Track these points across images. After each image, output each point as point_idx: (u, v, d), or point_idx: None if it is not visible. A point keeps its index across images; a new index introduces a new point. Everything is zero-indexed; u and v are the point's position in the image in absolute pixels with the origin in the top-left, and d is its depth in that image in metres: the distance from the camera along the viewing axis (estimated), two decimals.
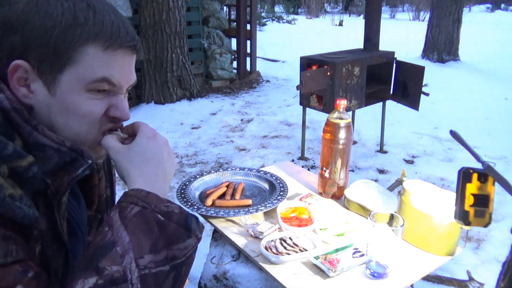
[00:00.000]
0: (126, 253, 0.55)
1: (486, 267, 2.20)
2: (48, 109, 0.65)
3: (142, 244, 0.56)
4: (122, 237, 0.56)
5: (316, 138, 4.08)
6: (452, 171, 3.24)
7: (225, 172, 1.52)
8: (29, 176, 0.58)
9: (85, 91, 0.65)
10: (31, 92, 0.64)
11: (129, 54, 0.68)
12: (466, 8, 17.12)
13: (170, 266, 0.57)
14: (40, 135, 0.62)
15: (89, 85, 0.65)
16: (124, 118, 0.71)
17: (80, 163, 0.64)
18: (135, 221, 0.58)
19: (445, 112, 4.97)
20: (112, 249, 0.55)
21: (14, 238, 0.53)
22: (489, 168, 0.91)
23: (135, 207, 0.59)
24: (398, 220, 1.02)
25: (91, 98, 0.66)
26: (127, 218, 0.58)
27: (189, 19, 5.59)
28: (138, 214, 0.58)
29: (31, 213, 0.55)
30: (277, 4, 23.43)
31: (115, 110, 0.69)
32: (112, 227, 0.58)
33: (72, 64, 0.63)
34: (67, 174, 0.63)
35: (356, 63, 3.15)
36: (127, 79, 0.70)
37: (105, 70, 0.65)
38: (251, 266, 1.11)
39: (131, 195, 0.61)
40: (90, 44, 0.63)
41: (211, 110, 5.04)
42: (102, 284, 0.53)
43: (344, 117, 1.32)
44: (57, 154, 0.62)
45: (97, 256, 0.55)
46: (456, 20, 7.75)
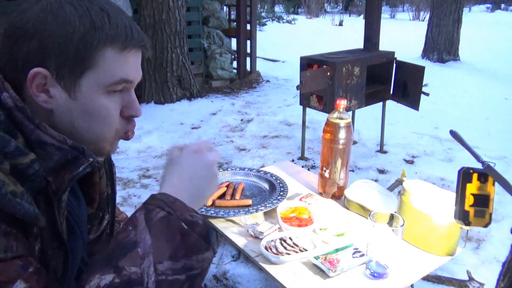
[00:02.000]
0: (146, 256, 0.55)
1: (486, 267, 2.20)
2: (69, 113, 0.66)
3: (163, 250, 0.56)
4: (145, 239, 0.57)
5: (316, 138, 4.08)
6: (452, 171, 3.24)
7: (225, 172, 1.52)
8: (30, 173, 0.58)
9: (104, 93, 0.67)
10: (51, 97, 0.65)
11: (139, 52, 0.72)
12: (466, 8, 17.12)
13: (186, 276, 0.57)
14: (43, 133, 0.62)
15: (108, 87, 0.67)
16: (138, 115, 0.74)
17: (81, 161, 0.65)
18: (160, 226, 0.58)
19: (445, 112, 4.97)
20: (133, 250, 0.56)
21: (14, 234, 0.53)
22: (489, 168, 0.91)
23: (161, 211, 0.60)
24: (398, 220, 1.02)
25: (109, 100, 0.69)
26: (152, 221, 0.59)
27: (189, 19, 5.58)
28: (163, 219, 0.59)
29: (31, 210, 0.55)
30: (277, 4, 23.42)
31: (128, 108, 0.72)
32: (136, 228, 0.58)
33: (91, 68, 0.65)
34: (68, 172, 0.64)
35: (356, 63, 3.15)
36: (139, 75, 0.73)
37: (122, 71, 0.68)
38: (251, 266, 1.11)
39: (158, 199, 0.62)
40: (108, 47, 0.65)
41: (211, 110, 5.04)
42: (118, 284, 0.53)
43: (344, 117, 1.32)
44: (59, 152, 0.63)
45: (118, 254, 0.56)
46: (456, 20, 7.75)
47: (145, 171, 3.34)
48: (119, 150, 3.73)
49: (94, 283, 0.53)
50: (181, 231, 0.58)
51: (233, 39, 6.46)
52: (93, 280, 0.54)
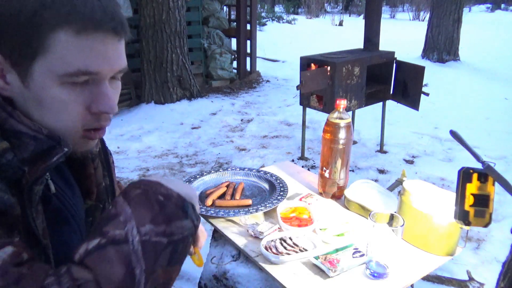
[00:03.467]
0: (128, 221, 0.57)
1: (486, 267, 2.20)
2: (24, 101, 0.62)
3: (143, 215, 0.58)
4: (125, 210, 0.59)
5: (316, 138, 4.08)
6: (452, 171, 3.24)
7: (225, 172, 1.52)
8: (3, 163, 0.56)
9: (59, 84, 0.60)
10: (7, 83, 0.61)
11: (110, 37, 0.61)
12: (466, 8, 17.12)
13: (168, 240, 0.59)
14: (16, 122, 0.59)
15: (63, 78, 0.60)
16: (109, 111, 0.64)
17: (56, 151, 0.61)
18: (137, 199, 0.60)
19: (445, 112, 4.97)
20: (115, 219, 0.58)
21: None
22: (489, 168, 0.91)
23: (138, 189, 0.61)
24: (398, 220, 1.02)
25: (67, 93, 0.61)
26: (130, 197, 0.60)
27: (189, 19, 5.59)
28: (140, 194, 0.61)
29: (5, 198, 0.54)
30: (277, 4, 23.43)
31: (97, 104, 0.63)
32: (116, 204, 0.60)
33: (43, 53, 0.58)
34: (43, 163, 0.60)
35: (356, 63, 3.15)
36: (111, 66, 0.63)
37: (80, 60, 0.59)
38: (251, 266, 1.11)
39: (136, 182, 0.63)
40: (60, 29, 0.57)
41: (211, 110, 5.04)
42: (104, 243, 0.55)
43: (344, 117, 1.32)
44: (34, 141, 0.60)
45: (101, 224, 0.58)
46: (456, 20, 7.75)
47: (145, 171, 3.34)
48: (119, 150, 3.73)
49: (82, 249, 0.55)
50: (158, 202, 0.60)
51: (233, 39, 6.47)
52: (80, 248, 0.55)
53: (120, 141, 3.90)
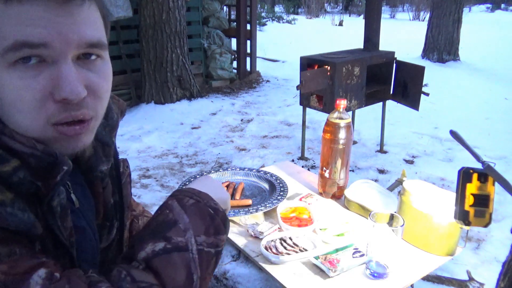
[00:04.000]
0: (187, 230, 0.62)
1: (486, 267, 2.20)
2: None
3: (199, 226, 0.64)
4: (183, 218, 0.64)
5: (316, 138, 4.08)
6: (452, 171, 3.24)
7: (225, 172, 1.52)
8: (15, 181, 0.52)
9: (7, 67, 0.50)
10: None
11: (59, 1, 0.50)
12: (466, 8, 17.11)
13: (215, 251, 0.65)
14: (9, 139, 0.52)
15: (5, 57, 0.49)
16: (69, 97, 0.52)
17: (58, 169, 0.55)
18: (193, 209, 0.66)
19: (445, 112, 4.97)
20: (175, 225, 0.63)
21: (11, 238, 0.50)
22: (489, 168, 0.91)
23: (190, 199, 0.67)
24: (398, 220, 1.02)
25: (18, 77, 0.50)
26: (185, 205, 0.66)
27: (189, 19, 5.58)
28: (194, 204, 0.66)
29: (25, 218, 0.51)
30: (277, 4, 23.42)
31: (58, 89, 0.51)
32: (172, 210, 0.65)
33: None
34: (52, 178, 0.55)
35: (356, 63, 3.15)
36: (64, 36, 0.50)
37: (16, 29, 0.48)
38: (251, 266, 1.11)
39: (186, 191, 0.69)
40: None
41: (211, 110, 5.04)
42: (170, 249, 0.60)
43: (344, 117, 1.32)
44: (33, 159, 0.53)
45: (163, 229, 0.62)
46: (456, 20, 7.75)
47: (145, 171, 3.34)
48: (119, 150, 3.72)
49: (149, 248, 0.60)
50: (209, 214, 0.66)
51: (233, 39, 6.46)
52: (147, 247, 0.60)
53: (120, 141, 3.90)
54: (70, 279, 0.53)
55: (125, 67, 5.07)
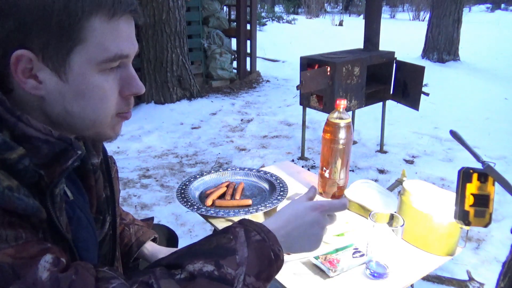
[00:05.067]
0: (241, 265, 0.61)
1: (486, 267, 2.20)
2: (61, 97, 0.60)
3: (254, 266, 0.62)
4: (243, 251, 0.63)
5: (316, 138, 4.08)
6: (452, 171, 3.24)
7: (225, 172, 1.52)
8: (20, 168, 0.55)
9: (98, 72, 0.61)
10: (40, 82, 0.59)
11: (131, 20, 0.63)
12: (466, 8, 17.11)
13: None
14: (26, 126, 0.57)
15: (102, 65, 0.60)
16: (140, 92, 0.67)
17: (70, 153, 0.60)
18: (256, 245, 0.64)
19: (445, 112, 4.97)
20: (232, 255, 0.62)
21: (19, 224, 0.52)
22: (489, 168, 0.91)
23: (258, 235, 0.66)
24: (398, 220, 1.02)
25: (105, 79, 0.62)
26: (250, 239, 0.65)
27: (189, 19, 5.58)
28: (259, 242, 0.65)
29: (31, 203, 0.53)
30: (277, 4, 23.42)
31: (129, 87, 0.66)
32: (236, 239, 0.64)
33: (80, 43, 0.58)
34: (59, 166, 0.60)
35: (356, 63, 3.15)
36: (135, 46, 0.65)
37: (116, 44, 0.60)
38: None
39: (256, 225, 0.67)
40: (94, 17, 0.57)
41: (211, 110, 5.04)
42: (216, 276, 0.59)
43: (344, 117, 1.32)
44: (46, 145, 0.58)
45: (220, 254, 0.62)
46: (456, 20, 7.75)
47: (145, 171, 3.34)
48: (119, 150, 3.73)
49: (198, 266, 0.59)
50: (269, 258, 0.65)
51: (233, 39, 6.46)
52: (196, 263, 0.59)
53: (120, 141, 3.90)
54: (78, 270, 0.53)
55: None
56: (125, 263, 1.05)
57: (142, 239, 1.07)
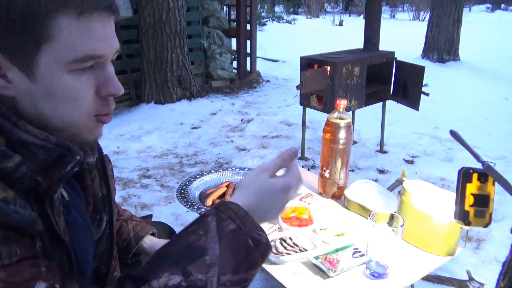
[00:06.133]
0: (212, 266, 0.57)
1: (486, 267, 2.20)
2: (31, 98, 0.58)
3: (227, 263, 0.58)
4: (214, 248, 0.57)
5: (316, 138, 4.08)
6: (452, 171, 3.24)
7: (225, 172, 1.52)
8: (17, 176, 0.54)
9: (68, 71, 0.58)
10: (9, 82, 0.57)
11: (106, 17, 0.60)
12: (466, 8, 17.12)
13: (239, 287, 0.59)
14: (22, 131, 0.57)
15: (71, 65, 0.58)
16: (117, 93, 0.64)
17: (68, 159, 0.60)
18: (229, 238, 0.59)
19: (445, 112, 4.97)
20: (201, 257, 0.57)
21: (13, 238, 0.51)
22: (489, 168, 0.91)
23: (232, 223, 0.60)
24: (398, 220, 1.02)
25: (77, 79, 0.59)
26: (223, 231, 0.59)
27: (189, 19, 5.58)
28: (233, 232, 0.59)
29: (27, 214, 0.53)
30: (277, 4, 23.42)
31: (106, 87, 0.62)
32: (207, 233, 0.59)
33: (46, 41, 0.55)
34: (57, 171, 0.60)
35: (356, 63, 3.15)
36: (111, 46, 0.61)
37: (86, 44, 0.57)
38: None
39: (231, 209, 0.61)
40: (61, 14, 0.55)
41: (211, 110, 5.04)
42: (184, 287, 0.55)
43: (344, 117, 1.32)
44: (43, 151, 0.58)
45: (187, 258, 0.57)
46: (456, 20, 7.75)
47: (145, 171, 3.34)
48: (119, 150, 3.72)
49: (163, 280, 0.55)
50: (246, 248, 0.60)
51: (233, 39, 6.46)
52: (161, 277, 0.55)
53: (120, 141, 3.89)
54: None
55: (125, 67, 5.07)
56: (123, 259, 1.05)
57: (141, 233, 1.07)
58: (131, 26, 5.08)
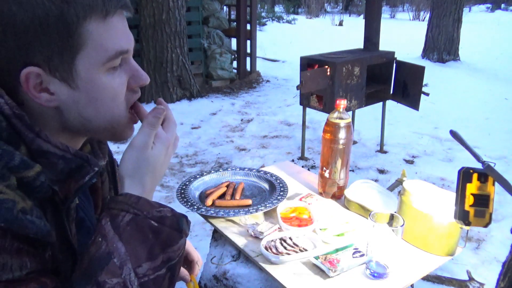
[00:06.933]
0: (124, 265, 0.55)
1: (486, 267, 2.20)
2: (75, 105, 0.61)
3: (138, 254, 0.56)
4: (117, 248, 0.56)
5: (316, 138, 4.08)
6: (452, 171, 3.24)
7: (225, 172, 1.52)
8: (36, 185, 0.56)
9: (105, 72, 0.61)
10: (52, 93, 0.59)
11: (123, 15, 0.64)
12: (466, 8, 17.12)
13: (166, 268, 0.58)
14: (44, 141, 0.58)
15: (106, 65, 0.61)
16: (146, 82, 0.68)
17: (86, 170, 0.62)
18: (129, 230, 0.57)
19: (445, 112, 4.97)
20: (109, 262, 0.55)
21: (26, 250, 0.52)
22: (489, 168, 0.91)
23: (127, 214, 0.58)
24: (398, 220, 1.02)
25: (112, 78, 0.63)
26: (120, 227, 0.57)
27: (189, 19, 5.58)
28: (131, 221, 0.58)
29: (42, 225, 0.53)
30: (277, 4, 23.41)
31: (136, 79, 0.66)
32: (106, 237, 0.57)
33: (81, 49, 0.58)
34: (74, 181, 0.61)
35: (356, 63, 3.15)
36: (131, 40, 0.66)
37: (114, 42, 0.61)
38: (251, 266, 1.11)
39: (121, 202, 0.60)
40: (89, 20, 0.57)
41: (211, 110, 5.04)
42: None
43: (344, 117, 1.32)
44: (63, 161, 0.59)
45: (95, 269, 0.55)
46: (456, 20, 7.75)
47: None
48: (119, 150, 3.72)
49: None
50: (152, 229, 0.58)
51: (233, 39, 6.46)
52: None
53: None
54: None
55: None
56: None
57: None
58: (131, 26, 4.96)
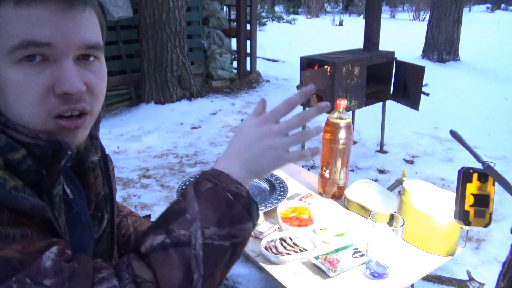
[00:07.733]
0: (194, 221, 0.58)
1: (486, 267, 2.20)
2: None
3: (209, 216, 0.58)
4: (192, 206, 0.59)
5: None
6: (452, 171, 3.24)
7: None
8: (23, 169, 0.56)
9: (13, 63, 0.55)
10: None
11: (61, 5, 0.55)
12: (466, 8, 17.12)
13: (230, 243, 0.59)
14: (13, 131, 0.56)
15: (12, 55, 0.54)
16: (70, 91, 0.57)
17: (61, 154, 0.59)
18: (207, 195, 0.60)
19: (445, 112, 4.97)
20: (182, 215, 0.59)
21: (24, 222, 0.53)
22: (489, 168, 0.91)
23: (208, 183, 0.61)
24: (398, 220, 1.02)
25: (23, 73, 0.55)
26: (199, 191, 0.60)
27: (189, 19, 5.58)
28: (210, 189, 0.60)
29: (36, 202, 0.54)
30: (277, 4, 23.41)
31: (59, 84, 0.56)
32: (186, 197, 0.61)
33: None
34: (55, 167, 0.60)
35: (356, 63, 3.15)
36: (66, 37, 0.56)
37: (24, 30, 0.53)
38: (251, 266, 1.11)
39: (207, 173, 0.63)
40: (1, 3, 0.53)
41: (211, 110, 5.04)
42: (168, 243, 0.57)
43: (344, 117, 1.32)
44: (37, 148, 0.57)
45: (169, 219, 0.59)
46: (456, 20, 7.75)
47: (145, 171, 3.34)
48: (119, 150, 3.72)
49: (148, 243, 0.58)
50: (226, 201, 0.60)
51: (233, 39, 6.46)
52: (147, 240, 0.58)
53: (120, 141, 3.89)
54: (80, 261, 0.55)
55: (125, 67, 5.07)
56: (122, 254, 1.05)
57: (140, 229, 1.08)
58: (131, 26, 5.08)
